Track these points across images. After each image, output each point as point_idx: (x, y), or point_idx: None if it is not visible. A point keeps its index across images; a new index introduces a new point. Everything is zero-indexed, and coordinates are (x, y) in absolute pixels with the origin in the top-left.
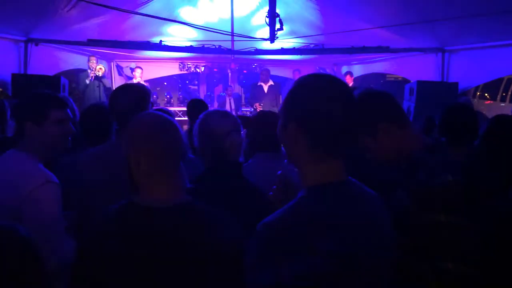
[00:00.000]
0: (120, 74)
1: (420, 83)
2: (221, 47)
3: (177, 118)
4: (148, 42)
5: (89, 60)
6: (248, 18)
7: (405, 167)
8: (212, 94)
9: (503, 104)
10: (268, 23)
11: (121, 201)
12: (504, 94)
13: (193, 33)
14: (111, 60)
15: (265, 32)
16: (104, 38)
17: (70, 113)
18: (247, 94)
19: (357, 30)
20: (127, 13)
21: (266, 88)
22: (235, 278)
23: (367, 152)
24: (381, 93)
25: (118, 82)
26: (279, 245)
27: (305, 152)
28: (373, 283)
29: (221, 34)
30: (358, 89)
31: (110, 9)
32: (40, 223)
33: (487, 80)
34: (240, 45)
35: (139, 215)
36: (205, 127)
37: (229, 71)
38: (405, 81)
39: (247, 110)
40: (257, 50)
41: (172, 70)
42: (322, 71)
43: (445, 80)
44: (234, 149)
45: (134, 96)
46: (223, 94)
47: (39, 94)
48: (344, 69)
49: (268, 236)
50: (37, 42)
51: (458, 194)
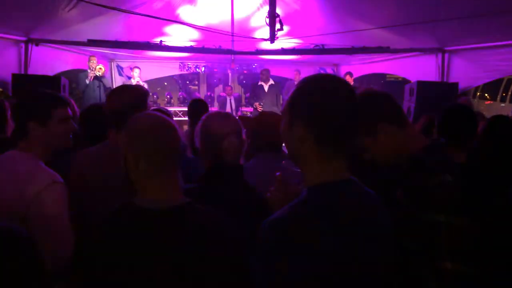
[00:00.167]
0: (120, 74)
1: (420, 83)
2: (221, 47)
3: (177, 118)
4: (148, 42)
5: (89, 60)
6: (248, 18)
7: (405, 167)
8: (212, 94)
9: (503, 104)
10: (268, 23)
11: (120, 202)
12: (504, 94)
13: (194, 34)
14: (111, 60)
15: (265, 32)
16: (104, 38)
17: (70, 111)
18: (247, 94)
19: (357, 30)
20: (127, 13)
21: (266, 88)
22: (234, 280)
23: (367, 152)
24: (381, 93)
25: (118, 82)
26: (283, 243)
27: (311, 151)
28: (373, 282)
29: (222, 34)
30: (358, 89)
31: (110, 9)
32: (47, 224)
33: (487, 80)
34: (240, 45)
35: (137, 217)
36: (204, 128)
37: (229, 71)
38: (405, 81)
39: (247, 110)
40: (257, 50)
41: (172, 70)
42: (323, 71)
43: (445, 80)
44: (232, 151)
45: (130, 97)
46: (223, 94)
47: (41, 94)
48: (344, 69)
49: (272, 235)
50: (37, 42)
51: (457, 194)
